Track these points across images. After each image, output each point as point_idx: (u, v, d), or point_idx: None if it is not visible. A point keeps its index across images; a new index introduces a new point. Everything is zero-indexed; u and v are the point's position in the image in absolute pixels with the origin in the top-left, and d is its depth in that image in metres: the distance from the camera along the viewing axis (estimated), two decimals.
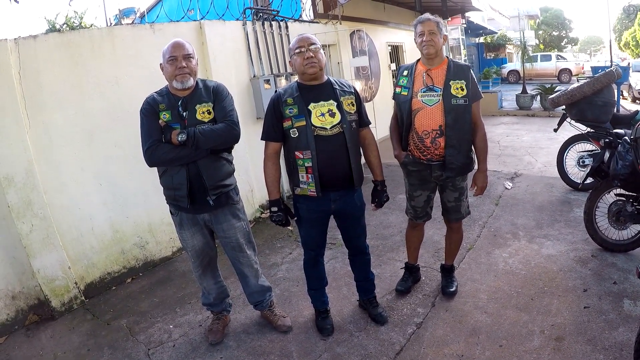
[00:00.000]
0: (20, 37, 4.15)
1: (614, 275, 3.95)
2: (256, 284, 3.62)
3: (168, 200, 3.28)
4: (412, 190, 3.67)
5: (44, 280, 4.19)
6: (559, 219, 5.28)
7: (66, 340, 3.88)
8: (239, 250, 3.46)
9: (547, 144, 9.24)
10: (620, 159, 3.89)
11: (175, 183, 3.11)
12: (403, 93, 3.46)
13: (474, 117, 3.42)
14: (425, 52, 3.34)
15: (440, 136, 3.36)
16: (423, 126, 3.38)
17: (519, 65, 20.68)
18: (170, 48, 3.06)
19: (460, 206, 3.65)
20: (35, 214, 4.13)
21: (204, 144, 3.02)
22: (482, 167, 3.55)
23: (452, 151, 3.36)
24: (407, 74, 3.50)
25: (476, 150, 3.53)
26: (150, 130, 3.02)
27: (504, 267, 4.28)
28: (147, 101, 3.10)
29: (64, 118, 4.43)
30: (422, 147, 3.43)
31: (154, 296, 4.47)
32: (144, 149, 3.01)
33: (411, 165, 3.55)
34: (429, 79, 3.38)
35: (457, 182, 3.55)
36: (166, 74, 3.09)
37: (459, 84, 3.33)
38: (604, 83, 5.18)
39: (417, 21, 3.40)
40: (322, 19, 8.65)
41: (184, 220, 3.29)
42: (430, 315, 3.64)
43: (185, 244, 3.39)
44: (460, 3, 13.14)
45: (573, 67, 25.76)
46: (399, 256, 4.62)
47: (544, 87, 14.05)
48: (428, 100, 3.35)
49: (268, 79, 6.38)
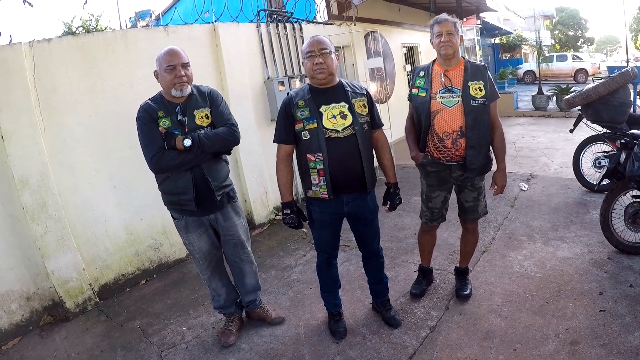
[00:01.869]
0: (34, 41, 4.19)
1: (630, 278, 3.90)
2: (252, 283, 3.69)
3: (170, 205, 3.32)
4: (430, 191, 3.64)
5: (58, 281, 4.23)
6: (575, 221, 5.22)
7: (80, 341, 3.91)
8: (241, 246, 3.54)
9: (563, 145, 9.16)
10: (637, 160, 3.85)
11: (180, 187, 3.16)
12: (421, 94, 3.43)
13: (492, 117, 3.41)
14: (444, 53, 3.32)
15: (461, 137, 3.34)
16: (443, 128, 3.36)
17: (535, 66, 20.56)
18: (167, 56, 3.09)
19: (478, 206, 3.63)
20: (49, 215, 4.16)
21: (209, 148, 3.11)
22: (501, 166, 3.54)
23: (472, 152, 3.34)
24: (423, 75, 3.47)
25: (495, 150, 3.52)
26: (152, 137, 3.05)
27: (518, 270, 4.24)
28: (144, 108, 3.12)
29: (79, 120, 4.46)
30: (442, 149, 3.41)
31: (167, 298, 4.49)
32: (148, 157, 3.06)
33: (430, 166, 3.53)
34: (447, 80, 3.35)
35: (476, 182, 3.54)
36: (163, 81, 3.11)
37: (477, 85, 3.31)
38: (619, 83, 5.11)
39: (434, 21, 3.37)
40: (336, 21, 8.63)
41: (189, 223, 3.32)
42: (444, 319, 3.61)
43: (191, 247, 3.41)
44: (475, 3, 13.08)
45: (589, 67, 25.50)
46: (413, 259, 4.59)
47: (559, 88, 13.96)
48: (447, 101, 3.33)
49: (282, 80, 6.38)
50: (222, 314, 3.75)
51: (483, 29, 24.04)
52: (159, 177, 3.22)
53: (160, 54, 3.13)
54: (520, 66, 28.63)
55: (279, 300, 4.16)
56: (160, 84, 3.14)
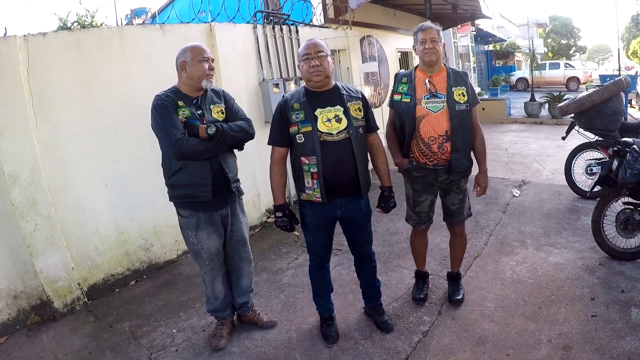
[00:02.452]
0: (29, 34, 4.16)
1: (622, 284, 3.92)
2: (247, 284, 3.70)
3: (183, 199, 3.26)
4: (417, 196, 3.67)
5: (46, 280, 4.18)
6: (567, 227, 5.24)
7: (68, 342, 3.86)
8: (243, 244, 3.57)
9: (555, 152, 9.19)
10: (629, 167, 3.87)
11: (196, 179, 3.17)
12: (405, 100, 3.47)
13: (473, 122, 3.52)
14: (427, 60, 3.40)
15: (447, 141, 3.40)
16: (429, 132, 3.41)
17: (528, 73, 20.64)
18: (200, 49, 3.21)
19: (463, 208, 3.69)
20: (39, 213, 4.12)
21: (230, 138, 3.20)
22: (482, 168, 3.67)
23: (457, 155, 3.42)
24: (406, 81, 3.53)
25: (476, 153, 3.63)
26: (174, 123, 3.05)
27: (511, 275, 4.24)
28: (163, 97, 3.12)
29: (72, 117, 4.43)
30: (428, 153, 3.45)
31: (157, 299, 4.45)
32: (170, 141, 3.01)
33: (416, 172, 3.57)
34: (432, 86, 3.42)
35: (461, 184, 3.61)
36: (196, 71, 3.16)
37: (460, 90, 3.41)
38: (613, 92, 5.16)
39: (418, 29, 3.47)
40: (332, 24, 8.64)
41: (201, 220, 3.28)
42: (436, 324, 3.61)
43: (199, 247, 3.34)
44: (471, 11, 13.13)
45: (581, 75, 25.74)
46: (405, 263, 4.58)
47: (552, 95, 14.03)
48: (433, 107, 3.40)
49: (277, 82, 6.37)
50: (215, 317, 3.71)
51: (477, 36, 24.23)
52: (169, 169, 3.20)
53: (189, 45, 3.23)
54: (513, 73, 28.81)
55: (271, 304, 4.13)
56: (190, 73, 3.16)
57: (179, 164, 3.14)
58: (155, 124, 3.10)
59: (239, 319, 3.83)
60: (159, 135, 3.10)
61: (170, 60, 4.97)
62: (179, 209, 3.32)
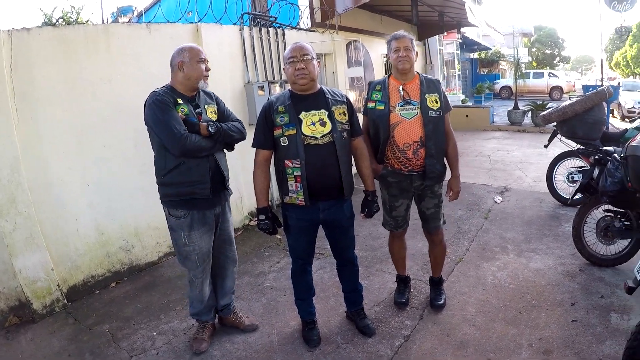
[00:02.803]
0: (13, 29, 4.11)
1: (602, 290, 3.97)
2: (230, 285, 3.71)
3: (178, 198, 3.21)
4: (393, 201, 3.70)
5: (25, 281, 4.11)
6: (548, 234, 5.29)
7: (46, 344, 3.81)
8: (229, 243, 3.59)
9: (537, 159, 9.28)
10: (610, 175, 3.91)
11: (196, 176, 3.16)
12: (379, 107, 3.51)
13: (446, 128, 3.58)
14: (401, 67, 3.45)
15: (421, 147, 3.45)
16: (403, 139, 3.46)
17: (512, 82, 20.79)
18: (198, 50, 3.24)
19: (439, 212, 3.71)
20: (19, 212, 4.06)
21: (227, 137, 3.27)
22: (455, 173, 3.72)
23: (431, 160, 3.47)
24: (380, 89, 3.57)
25: (449, 159, 3.68)
26: (177, 119, 3.04)
27: (492, 281, 4.26)
28: (160, 94, 3.11)
29: (54, 115, 4.38)
30: (403, 159, 3.49)
31: (138, 302, 4.41)
32: (175, 136, 2.98)
33: (391, 177, 3.60)
34: (406, 94, 3.47)
35: (436, 189, 3.64)
36: (194, 72, 3.18)
37: (433, 97, 3.47)
38: (595, 101, 5.23)
39: (392, 37, 3.52)
40: (319, 28, 8.65)
41: (194, 219, 3.26)
42: (418, 328, 3.61)
43: (190, 248, 3.30)
44: (457, 18, 13.22)
45: (564, 84, 26.08)
46: (387, 268, 4.58)
47: (535, 104, 14.17)
48: (407, 113, 3.45)
49: (262, 85, 6.36)
50: (198, 320, 3.68)
51: (463, 44, 24.39)
52: (164, 167, 3.16)
53: (186, 46, 3.26)
54: (498, 81, 29.08)
55: (252, 307, 4.11)
56: (187, 74, 3.17)
57: (177, 161, 3.11)
58: (154, 118, 3.05)
59: (221, 322, 3.80)
60: (159, 130, 3.05)
61: (156, 59, 4.96)
62: (171, 208, 3.27)
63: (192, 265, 3.37)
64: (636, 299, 3.68)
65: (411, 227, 3.89)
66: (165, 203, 3.29)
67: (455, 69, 23.04)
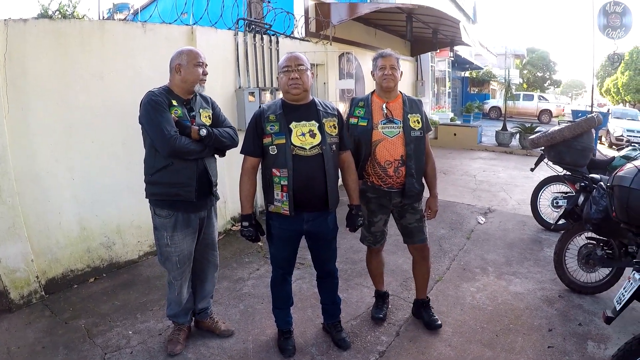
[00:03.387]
0: (10, 19, 4.10)
1: (580, 317, 3.98)
2: (210, 289, 3.70)
3: (164, 198, 3.22)
4: (372, 217, 3.70)
5: (4, 270, 4.08)
6: (529, 257, 5.31)
7: (21, 335, 3.77)
8: (212, 247, 3.60)
9: (522, 182, 9.34)
10: (594, 203, 3.92)
11: (182, 178, 3.17)
12: (361, 124, 3.54)
13: (426, 148, 3.63)
14: (385, 86, 3.50)
15: (402, 165, 3.49)
16: (385, 156, 3.49)
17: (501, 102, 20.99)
18: (196, 53, 3.25)
19: (423, 226, 3.72)
20: (3, 201, 4.03)
21: (218, 143, 3.28)
22: (433, 192, 3.73)
23: (410, 180, 3.50)
24: (362, 105, 3.61)
25: (427, 178, 3.73)
26: (168, 119, 3.06)
27: (471, 302, 4.27)
28: (156, 93, 3.12)
29: (45, 107, 4.36)
30: (384, 176, 3.51)
31: (115, 299, 4.37)
32: (164, 136, 3.00)
33: (370, 192, 3.63)
34: (389, 112, 3.51)
35: (416, 205, 3.66)
36: (190, 75, 3.19)
37: (415, 117, 3.53)
38: (584, 128, 5.27)
39: (378, 55, 3.57)
40: (313, 38, 8.69)
41: (179, 221, 3.25)
42: (393, 344, 3.60)
43: (172, 249, 3.29)
44: (451, 36, 13.32)
45: (554, 108, 26.38)
46: (366, 282, 4.56)
47: (524, 126, 14.28)
48: (389, 132, 3.49)
49: (253, 91, 6.36)
50: (174, 322, 3.65)
51: (455, 62, 24.52)
52: (153, 166, 3.17)
53: (185, 49, 3.27)
54: (487, 101, 29.30)
55: (229, 313, 4.09)
56: (184, 77, 3.19)
57: (165, 162, 3.12)
58: (147, 117, 3.06)
59: (197, 326, 3.77)
60: (151, 129, 3.07)
61: (150, 59, 4.95)
62: (156, 207, 3.27)
63: (172, 267, 3.35)
64: (614, 329, 3.70)
65: (392, 242, 3.90)
66: (152, 202, 3.29)
67: (445, 87, 23.18)
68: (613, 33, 12.11)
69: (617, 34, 12.08)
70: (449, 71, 23.74)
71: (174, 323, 3.66)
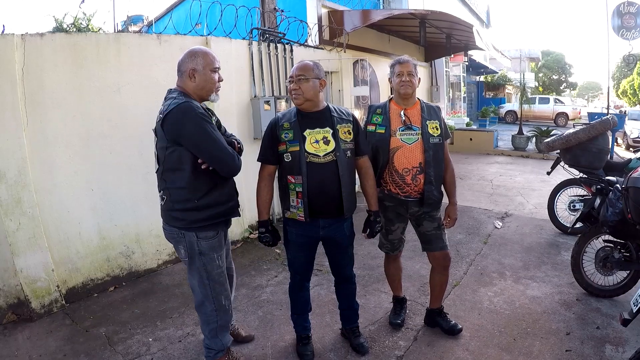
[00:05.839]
0: (27, 34, 4.19)
1: (598, 320, 3.96)
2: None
3: (217, 218, 2.94)
4: (389, 225, 3.70)
5: (26, 280, 4.16)
6: (546, 261, 5.29)
7: (43, 343, 3.83)
8: (229, 256, 3.51)
9: (539, 186, 9.30)
10: (611, 206, 3.91)
11: (228, 194, 3.01)
12: (379, 131, 3.51)
13: (445, 155, 3.58)
14: (403, 92, 3.48)
15: (420, 173, 3.45)
16: (403, 164, 3.46)
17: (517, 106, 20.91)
18: (213, 57, 2.96)
19: (442, 234, 3.66)
20: (24, 212, 4.12)
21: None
22: (453, 200, 3.68)
23: (429, 187, 3.46)
24: (380, 112, 3.59)
25: (447, 186, 3.66)
26: (221, 136, 2.85)
27: (488, 306, 4.27)
28: (198, 105, 2.78)
29: (63, 119, 4.45)
30: (402, 184, 3.49)
31: (135, 307, 4.43)
32: (230, 156, 2.81)
33: (387, 201, 3.61)
34: (407, 119, 3.48)
35: (434, 213, 3.60)
36: (207, 82, 2.91)
37: (434, 124, 3.49)
38: (599, 131, 5.22)
39: (396, 61, 3.56)
40: (327, 46, 8.74)
41: (221, 238, 3.04)
42: (411, 349, 3.61)
43: (217, 268, 2.99)
44: (464, 41, 13.29)
45: (570, 111, 26.06)
46: (384, 287, 4.58)
47: (540, 130, 14.17)
48: (407, 139, 3.45)
49: (268, 100, 6.41)
50: (227, 349, 3.31)
51: (469, 66, 24.49)
52: (202, 189, 2.82)
53: (199, 50, 2.93)
54: (503, 105, 29.15)
55: (248, 319, 4.13)
56: (199, 84, 2.89)
57: (212, 182, 2.84)
58: (205, 135, 2.71)
59: None
60: (213, 148, 2.74)
61: (165, 70, 5.01)
62: (203, 232, 2.91)
63: (222, 289, 3.07)
64: (631, 332, 3.68)
65: (409, 248, 3.90)
66: (193, 229, 2.88)
67: (460, 92, 23.14)
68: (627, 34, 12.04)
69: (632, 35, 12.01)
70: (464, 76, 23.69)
71: (227, 350, 3.30)
